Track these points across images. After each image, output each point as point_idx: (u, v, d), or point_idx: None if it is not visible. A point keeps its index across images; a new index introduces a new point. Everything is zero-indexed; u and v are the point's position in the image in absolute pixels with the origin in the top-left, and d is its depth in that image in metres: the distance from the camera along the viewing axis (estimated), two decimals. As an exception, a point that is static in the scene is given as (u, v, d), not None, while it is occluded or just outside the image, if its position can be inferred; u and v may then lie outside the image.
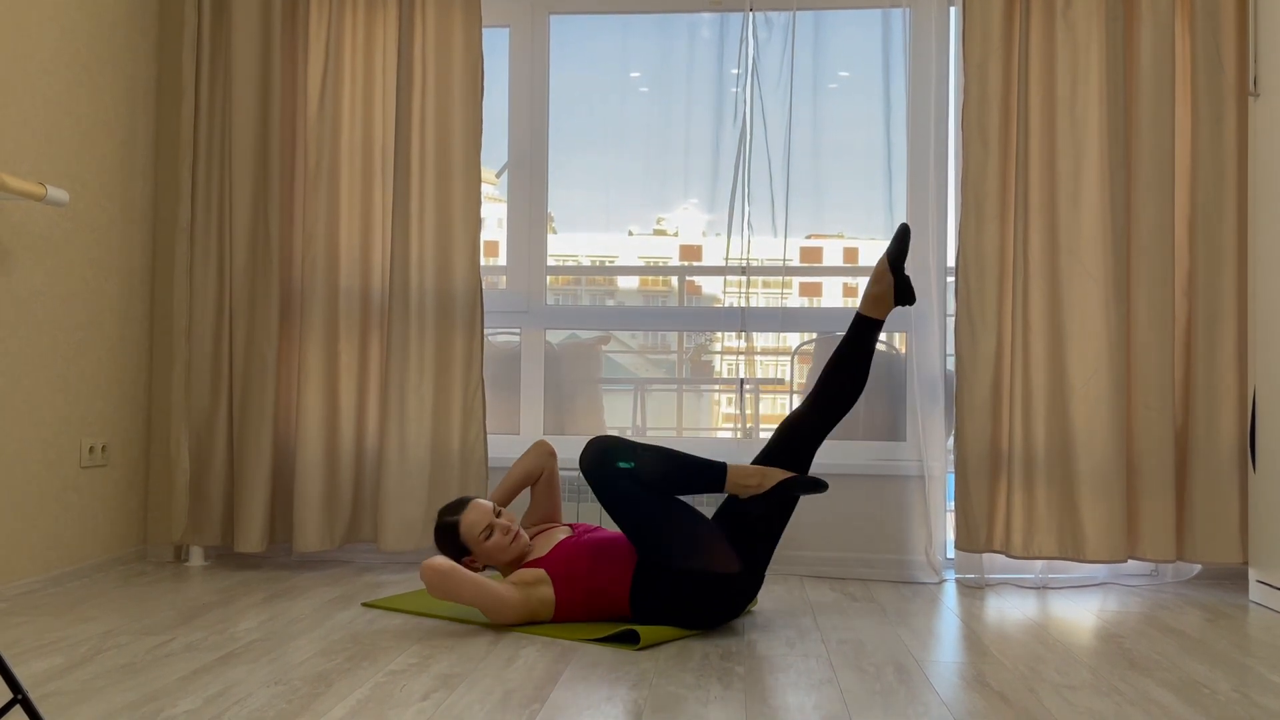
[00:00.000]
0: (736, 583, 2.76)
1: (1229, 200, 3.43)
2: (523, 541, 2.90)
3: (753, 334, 3.77)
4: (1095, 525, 3.38)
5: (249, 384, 3.61)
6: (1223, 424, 3.40)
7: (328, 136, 3.65)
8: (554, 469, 3.21)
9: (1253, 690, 2.28)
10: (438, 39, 3.66)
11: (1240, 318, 3.42)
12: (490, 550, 2.87)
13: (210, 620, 2.80)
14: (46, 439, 3.24)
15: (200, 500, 3.64)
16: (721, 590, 2.74)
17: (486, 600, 2.71)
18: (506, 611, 2.74)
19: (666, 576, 2.74)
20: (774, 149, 3.74)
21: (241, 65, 3.64)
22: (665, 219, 3.95)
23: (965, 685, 2.29)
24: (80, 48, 3.37)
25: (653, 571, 2.75)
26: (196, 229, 3.68)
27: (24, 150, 3.12)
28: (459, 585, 2.68)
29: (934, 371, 3.64)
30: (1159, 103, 3.43)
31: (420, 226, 3.64)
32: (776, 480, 2.86)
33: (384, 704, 2.10)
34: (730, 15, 3.82)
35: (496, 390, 3.93)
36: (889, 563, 3.64)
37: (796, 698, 2.19)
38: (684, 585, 2.73)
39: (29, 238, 3.15)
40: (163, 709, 2.04)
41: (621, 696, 2.17)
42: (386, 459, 3.57)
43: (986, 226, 3.49)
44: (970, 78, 3.50)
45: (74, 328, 3.36)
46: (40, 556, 3.22)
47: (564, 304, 4.00)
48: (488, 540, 2.86)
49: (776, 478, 2.86)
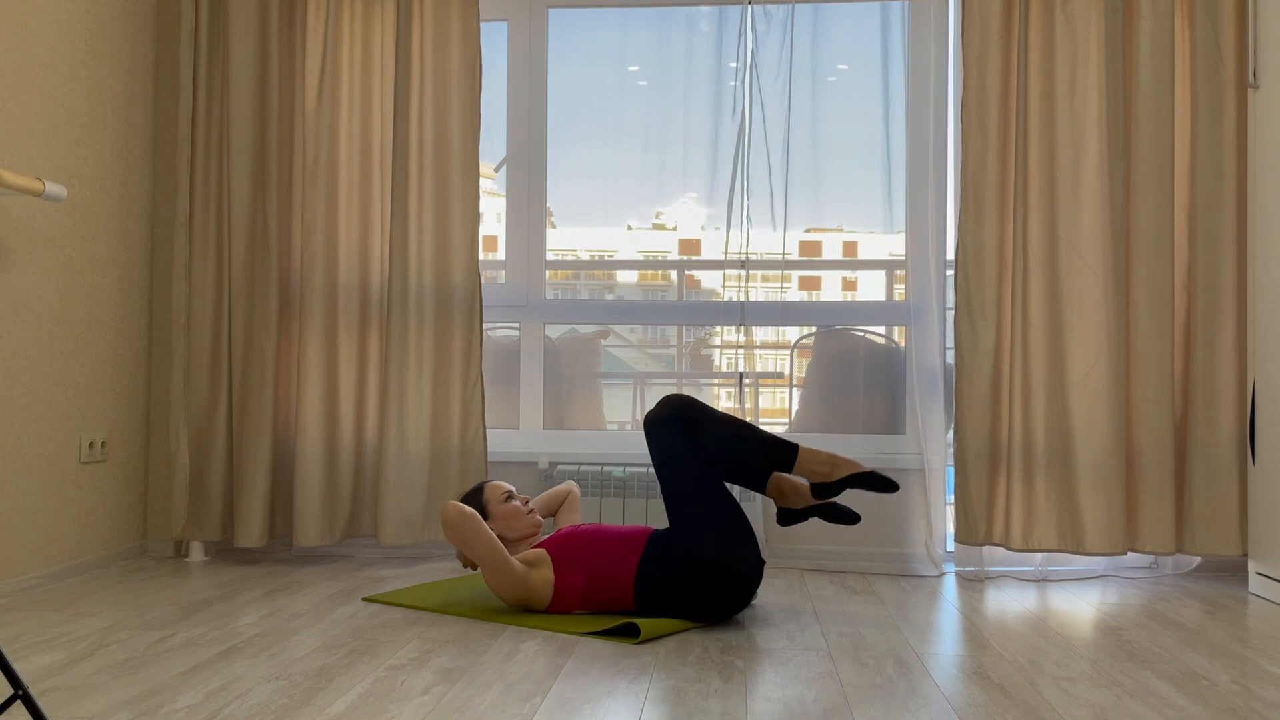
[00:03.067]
0: (749, 578, 2.76)
1: (1228, 192, 3.42)
2: (535, 519, 2.97)
3: (752, 328, 3.77)
4: (1095, 518, 3.38)
5: (248, 379, 3.61)
6: (1222, 416, 3.40)
7: (326, 131, 3.65)
8: (577, 493, 3.29)
9: (1252, 682, 2.28)
10: (435, 33, 3.66)
11: (1240, 310, 3.42)
12: (506, 514, 2.94)
13: (211, 615, 2.80)
14: (46, 435, 3.24)
15: (200, 495, 3.65)
16: (734, 585, 2.75)
17: (495, 557, 2.75)
18: (509, 576, 2.77)
19: (676, 566, 2.74)
20: (773, 142, 3.74)
21: (239, 60, 3.63)
22: (664, 213, 3.95)
23: (965, 678, 2.29)
24: (78, 43, 3.36)
25: (661, 562, 2.75)
26: (195, 224, 3.67)
27: (22, 145, 3.11)
28: (476, 532, 2.74)
29: (933, 365, 3.64)
30: (1158, 95, 3.42)
31: (419, 221, 3.64)
32: (847, 472, 2.80)
33: (385, 698, 2.10)
34: (729, 8, 3.81)
35: (496, 385, 3.93)
36: (889, 556, 3.64)
37: (796, 690, 2.19)
38: (694, 576, 2.73)
39: (27, 233, 3.15)
40: (163, 704, 2.05)
41: (622, 690, 2.17)
42: (386, 454, 3.57)
43: (986, 219, 3.49)
44: (969, 70, 3.50)
45: (73, 323, 3.36)
46: (40, 552, 3.22)
47: (563, 298, 4.00)
48: (506, 502, 2.95)
49: (847, 469, 2.80)
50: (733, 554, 2.74)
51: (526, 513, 2.95)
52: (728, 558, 2.73)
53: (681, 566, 2.74)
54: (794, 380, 3.94)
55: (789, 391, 3.94)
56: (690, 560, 2.73)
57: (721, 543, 2.75)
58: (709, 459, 2.79)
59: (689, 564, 2.73)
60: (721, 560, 2.72)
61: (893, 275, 3.91)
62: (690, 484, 2.79)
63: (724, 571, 2.72)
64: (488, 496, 2.98)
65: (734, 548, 2.75)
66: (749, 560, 2.76)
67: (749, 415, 3.72)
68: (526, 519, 2.95)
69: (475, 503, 2.98)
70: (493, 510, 2.95)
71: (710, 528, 2.76)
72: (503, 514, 2.94)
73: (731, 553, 2.74)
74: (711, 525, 2.76)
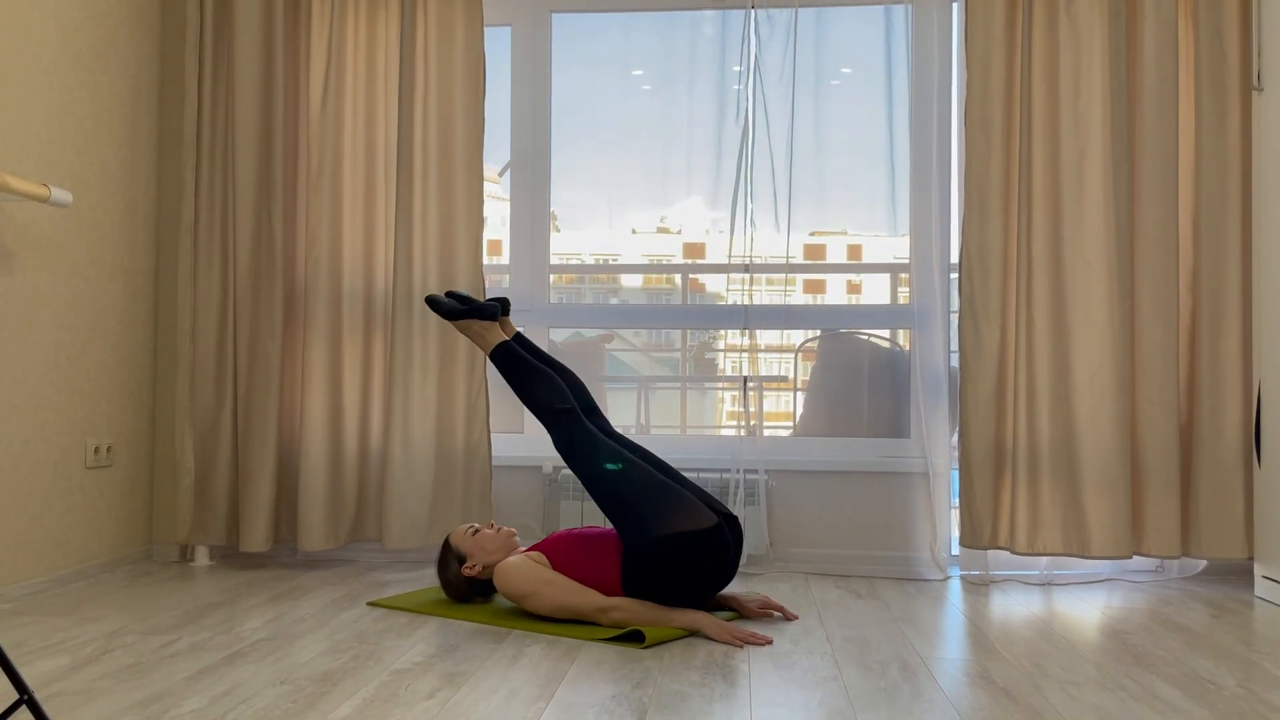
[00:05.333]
0: (717, 538, 2.75)
1: (1233, 195, 3.42)
2: (504, 530, 3.00)
3: (756, 331, 3.77)
4: (1100, 521, 3.37)
5: (253, 384, 3.62)
6: (1227, 419, 3.39)
7: (330, 136, 3.65)
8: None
9: (1258, 685, 2.28)
10: (439, 38, 3.66)
11: (1245, 312, 3.41)
12: (482, 543, 2.96)
13: (215, 620, 2.81)
14: (51, 440, 3.25)
15: (205, 500, 3.65)
16: (707, 550, 2.73)
17: (576, 596, 2.77)
18: (590, 603, 2.76)
19: (652, 557, 2.73)
20: (777, 146, 3.74)
21: (244, 65, 3.64)
22: (668, 216, 3.95)
23: (970, 682, 2.29)
24: (83, 48, 3.37)
25: (637, 557, 2.75)
26: (200, 229, 3.68)
27: (27, 151, 3.12)
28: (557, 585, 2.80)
29: (938, 368, 3.64)
30: (1162, 97, 3.42)
31: (423, 225, 3.65)
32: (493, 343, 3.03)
33: (389, 703, 2.10)
34: (732, 12, 3.81)
35: (500, 389, 3.93)
36: (893, 560, 3.64)
37: (801, 695, 2.19)
38: (670, 557, 2.72)
39: (33, 239, 3.16)
40: (168, 709, 2.05)
41: (626, 695, 2.17)
42: (391, 458, 3.57)
43: (990, 222, 3.48)
44: (973, 73, 3.50)
45: (78, 328, 3.36)
46: (46, 557, 3.23)
47: (567, 302, 4.00)
48: (475, 536, 2.98)
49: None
50: (676, 518, 2.73)
51: (495, 531, 2.98)
52: (676, 524, 2.72)
53: (651, 551, 2.73)
54: (798, 384, 3.94)
55: (793, 395, 3.94)
56: (653, 545, 2.72)
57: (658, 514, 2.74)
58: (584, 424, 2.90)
59: (654, 549, 2.72)
60: (666, 532, 2.72)
61: (897, 278, 3.91)
62: (610, 483, 2.81)
63: (682, 538, 2.71)
64: (456, 545, 2.99)
65: (673, 513, 2.74)
66: (700, 517, 2.74)
67: (753, 419, 3.72)
68: (498, 536, 2.97)
69: (452, 559, 2.99)
70: (467, 549, 2.97)
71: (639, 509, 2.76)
72: (478, 545, 2.96)
73: (675, 517, 2.73)
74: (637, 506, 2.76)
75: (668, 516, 2.74)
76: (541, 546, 2.90)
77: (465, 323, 3.08)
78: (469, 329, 3.08)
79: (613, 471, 2.82)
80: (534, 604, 2.78)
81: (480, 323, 3.07)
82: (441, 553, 3.03)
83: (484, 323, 3.07)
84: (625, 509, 2.78)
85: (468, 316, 3.06)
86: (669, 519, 2.74)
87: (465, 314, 3.06)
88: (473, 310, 3.06)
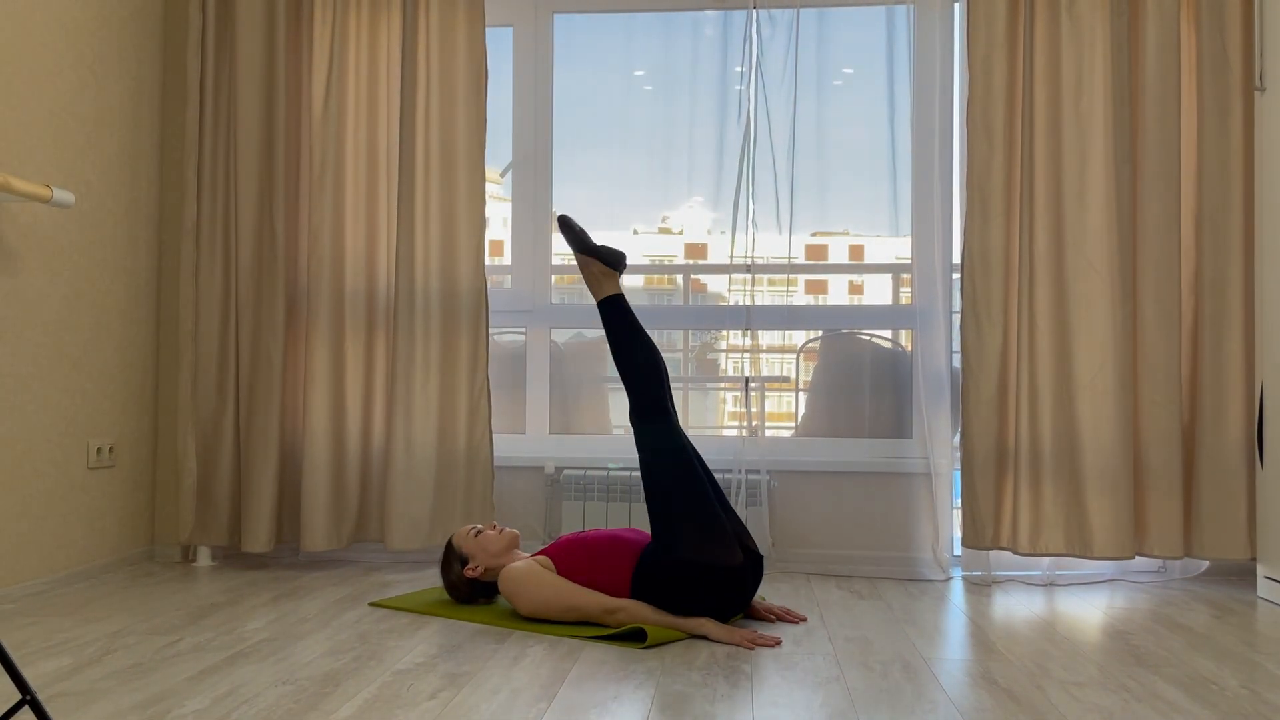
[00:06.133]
0: (735, 577, 2.74)
1: (1235, 196, 3.42)
2: (507, 531, 3.00)
3: (758, 332, 3.77)
4: (1102, 522, 3.37)
5: (255, 384, 3.62)
6: (1230, 419, 3.39)
7: (332, 136, 3.66)
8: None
9: (1261, 686, 2.28)
10: (441, 39, 3.66)
11: (1247, 313, 3.41)
12: (484, 544, 2.96)
13: (218, 620, 2.81)
14: (54, 440, 3.25)
15: (207, 501, 3.65)
16: (721, 581, 2.73)
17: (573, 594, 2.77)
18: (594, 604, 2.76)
19: (668, 570, 2.72)
20: (778, 146, 3.74)
21: (246, 66, 3.64)
22: (670, 217, 3.95)
23: (972, 683, 2.29)
24: (85, 50, 3.38)
25: (654, 565, 2.74)
26: (202, 230, 3.68)
27: (30, 152, 3.13)
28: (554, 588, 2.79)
29: (940, 368, 3.63)
30: (1164, 98, 3.42)
31: (425, 226, 3.65)
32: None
33: (392, 703, 2.10)
34: (734, 13, 3.81)
35: (502, 389, 3.93)
36: (895, 560, 3.63)
37: (803, 695, 2.19)
38: (684, 577, 2.71)
39: (35, 239, 3.16)
40: (171, 709, 2.05)
41: (628, 695, 2.17)
42: (393, 458, 3.57)
43: (992, 223, 3.48)
44: (975, 74, 3.50)
45: (80, 329, 3.37)
46: (48, 557, 3.23)
47: (569, 303, 4.00)
48: (477, 537, 2.98)
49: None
50: (710, 549, 2.71)
51: (498, 532, 2.98)
52: (705, 553, 2.70)
53: (669, 569, 2.72)
54: (800, 384, 3.94)
55: (795, 395, 3.94)
56: (674, 561, 2.71)
57: (697, 539, 2.72)
58: (680, 441, 2.82)
59: (674, 566, 2.71)
60: (698, 558, 2.69)
61: (899, 279, 3.91)
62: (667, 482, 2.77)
63: (706, 569, 2.70)
64: (459, 546, 3.00)
65: (710, 542, 2.71)
66: (730, 554, 2.72)
67: (755, 419, 3.72)
68: (501, 538, 2.98)
69: (455, 560, 2.99)
70: (470, 551, 2.97)
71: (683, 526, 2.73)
72: (480, 547, 2.96)
73: (709, 548, 2.71)
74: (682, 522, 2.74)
75: (700, 541, 2.71)
76: (548, 551, 2.90)
77: (589, 260, 2.99)
78: (589, 267, 2.99)
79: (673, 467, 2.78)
80: (539, 609, 2.78)
81: (603, 267, 2.99)
82: (444, 554, 3.03)
83: (605, 269, 2.99)
84: (668, 513, 2.75)
85: (597, 255, 2.98)
86: (700, 544, 2.71)
87: (594, 251, 2.98)
88: (603, 252, 2.99)
